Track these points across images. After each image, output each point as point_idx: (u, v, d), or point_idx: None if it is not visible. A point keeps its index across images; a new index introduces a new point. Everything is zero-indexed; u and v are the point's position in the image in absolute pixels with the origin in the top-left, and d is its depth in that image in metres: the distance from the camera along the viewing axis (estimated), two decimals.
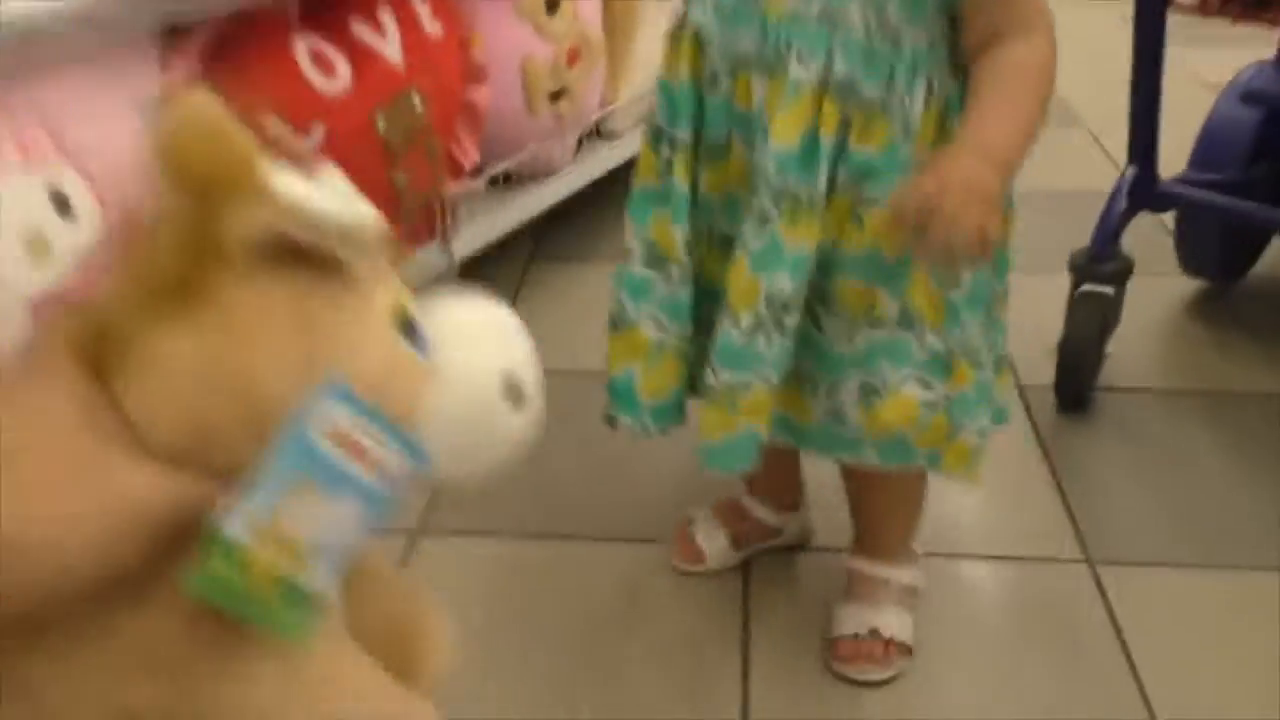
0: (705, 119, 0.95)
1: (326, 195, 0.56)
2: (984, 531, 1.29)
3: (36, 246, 0.92)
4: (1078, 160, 2.24)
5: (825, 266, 0.93)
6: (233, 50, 1.18)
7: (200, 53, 1.16)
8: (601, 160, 1.83)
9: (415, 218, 1.42)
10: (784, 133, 0.89)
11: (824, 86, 0.88)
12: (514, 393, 0.59)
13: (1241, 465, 1.40)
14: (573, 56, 1.65)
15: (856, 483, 1.09)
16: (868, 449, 0.98)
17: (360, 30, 1.31)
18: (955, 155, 0.86)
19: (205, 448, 0.51)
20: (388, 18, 1.33)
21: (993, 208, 0.84)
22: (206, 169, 0.52)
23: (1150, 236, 1.78)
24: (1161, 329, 1.71)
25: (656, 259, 0.98)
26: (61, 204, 0.95)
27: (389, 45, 1.33)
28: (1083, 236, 1.50)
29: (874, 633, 1.06)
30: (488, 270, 1.82)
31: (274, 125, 0.60)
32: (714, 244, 0.99)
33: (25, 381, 0.49)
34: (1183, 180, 1.54)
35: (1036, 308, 1.42)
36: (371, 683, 0.62)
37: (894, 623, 1.07)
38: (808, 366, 0.98)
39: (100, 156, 0.98)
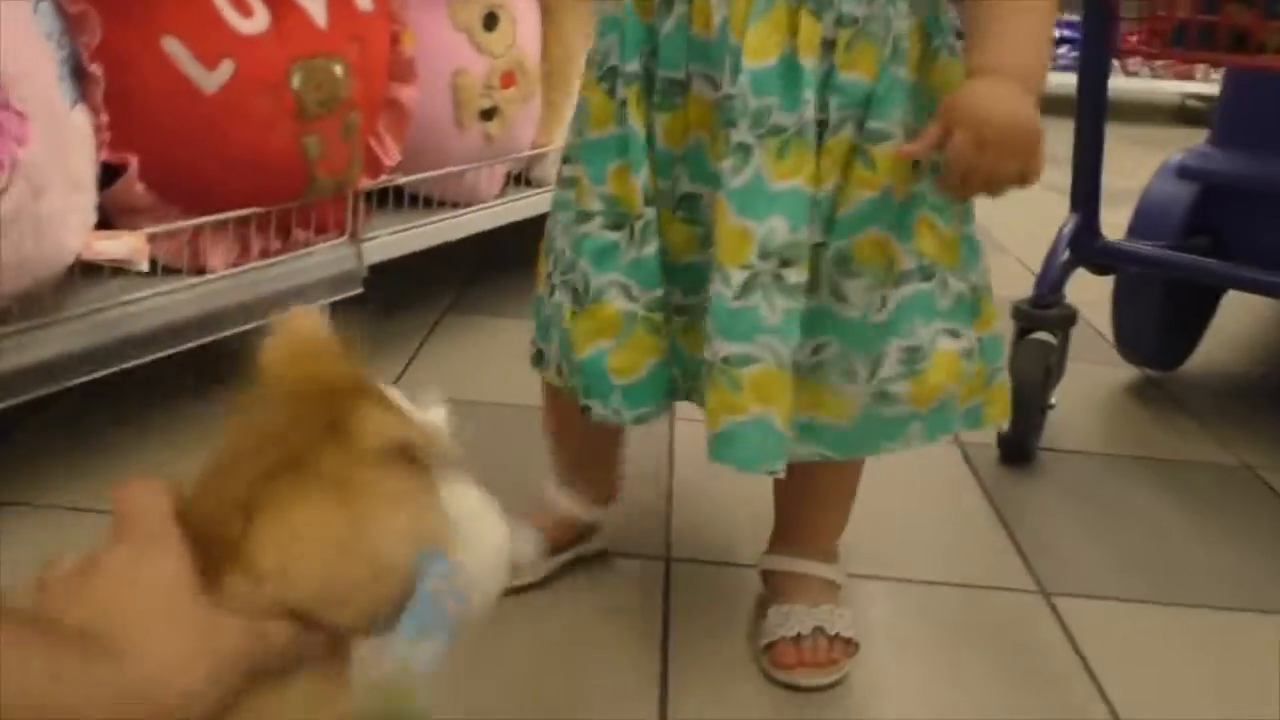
0: (658, 54, 0.87)
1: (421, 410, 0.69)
2: (933, 560, 1.17)
3: None
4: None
5: (834, 222, 0.83)
6: None
7: None
8: (529, 205, 1.74)
9: (325, 199, 1.30)
10: (759, 50, 0.80)
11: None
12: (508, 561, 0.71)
13: (1184, 517, 1.32)
14: (507, 79, 1.58)
15: (796, 480, 0.96)
16: (914, 427, 0.88)
17: None
18: (989, 88, 0.76)
19: (327, 604, 0.60)
20: None
21: (1038, 146, 0.76)
22: (332, 379, 0.63)
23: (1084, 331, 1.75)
24: (1102, 406, 1.67)
25: (619, 216, 0.87)
26: None
27: (313, 2, 1.25)
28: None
29: (818, 631, 0.92)
30: (404, 314, 1.71)
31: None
32: (677, 206, 0.88)
33: (139, 546, 0.58)
34: (1126, 244, 1.51)
35: None
36: None
37: (838, 619, 0.93)
38: (837, 352, 0.86)
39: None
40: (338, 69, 1.26)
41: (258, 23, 1.18)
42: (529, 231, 1.63)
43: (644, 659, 0.95)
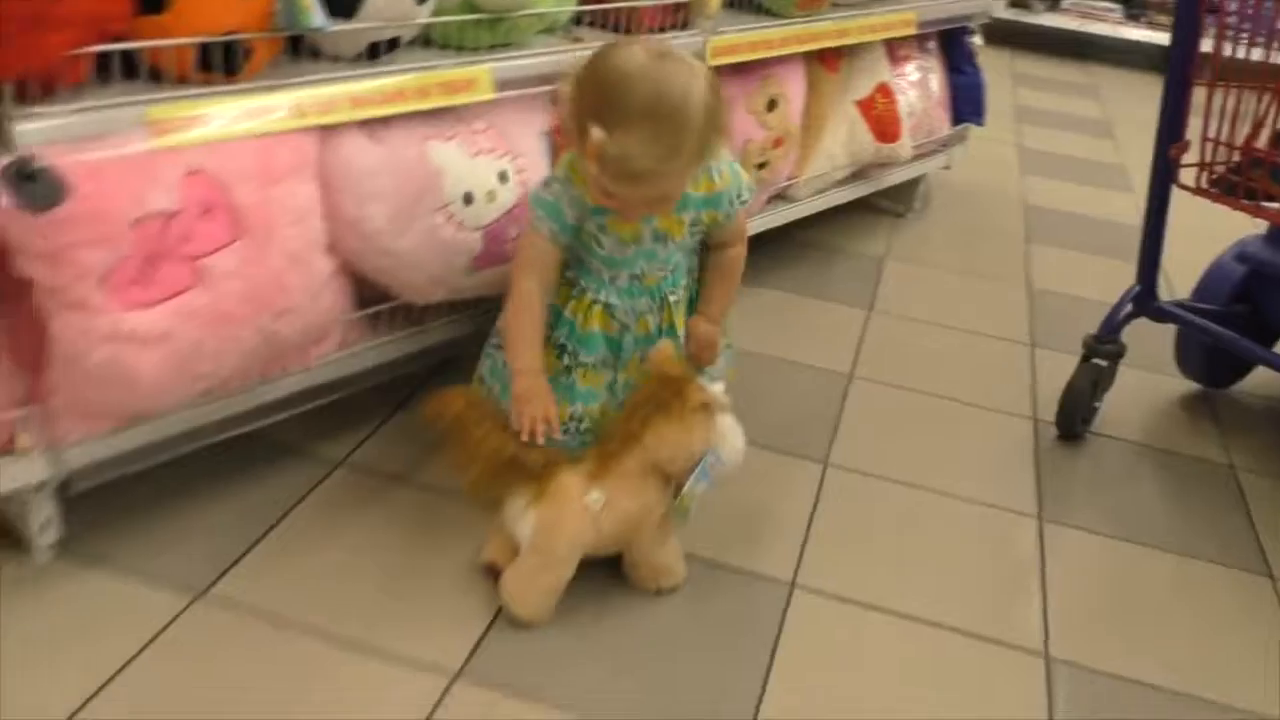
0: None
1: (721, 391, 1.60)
2: (964, 478, 2.02)
3: (490, 195, 1.73)
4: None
5: None
6: None
7: None
8: (781, 215, 2.62)
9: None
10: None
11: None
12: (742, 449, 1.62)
13: (1161, 490, 2.10)
14: (778, 142, 2.44)
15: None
16: None
17: None
18: (711, 327, 1.71)
19: (673, 462, 1.55)
20: None
21: (717, 348, 1.71)
22: (683, 376, 1.55)
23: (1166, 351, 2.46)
24: (1153, 408, 2.40)
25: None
26: (502, 177, 1.77)
27: None
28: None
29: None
30: None
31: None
32: None
33: None
34: (1177, 303, 2.22)
35: (1063, 377, 2.18)
36: None
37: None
38: None
39: (525, 155, 1.80)
40: None
41: None
42: (785, 229, 2.54)
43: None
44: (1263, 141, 1.94)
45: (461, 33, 1.71)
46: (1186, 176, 2.06)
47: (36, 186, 1.23)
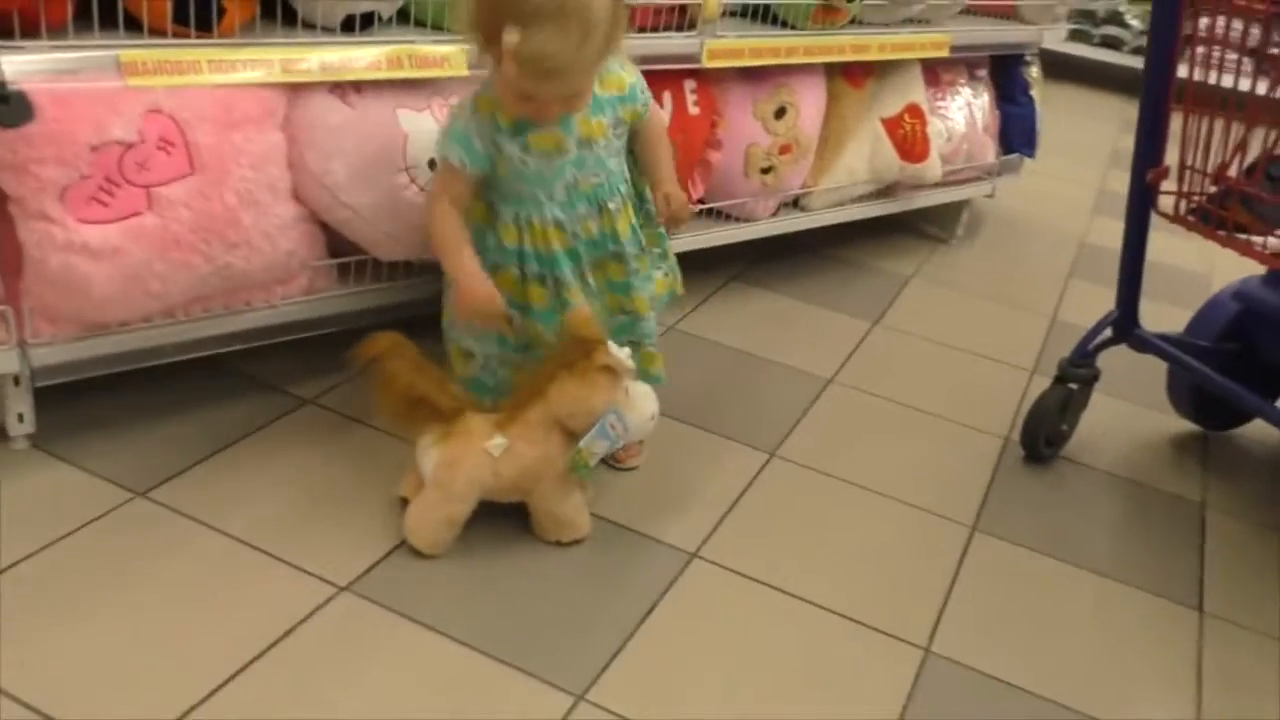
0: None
1: (628, 357, 1.67)
2: (909, 484, 2.04)
3: None
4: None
5: None
6: None
7: None
8: (792, 223, 2.68)
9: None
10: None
11: None
12: (653, 416, 1.73)
13: (1120, 516, 2.06)
14: (785, 149, 2.51)
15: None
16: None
17: None
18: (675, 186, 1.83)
19: (574, 418, 1.65)
20: (666, 97, 2.25)
21: (686, 204, 1.84)
22: (594, 339, 1.63)
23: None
24: (1139, 440, 2.36)
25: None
26: None
27: (664, 114, 2.24)
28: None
29: None
30: (703, 277, 2.70)
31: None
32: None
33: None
34: (1160, 335, 2.17)
35: None
36: None
37: None
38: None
39: None
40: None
41: None
42: (794, 235, 2.61)
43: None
44: (1235, 171, 1.91)
45: (441, 14, 1.86)
46: (1166, 204, 2.04)
47: (7, 107, 1.42)
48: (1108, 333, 2.17)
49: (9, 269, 1.58)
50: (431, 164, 1.82)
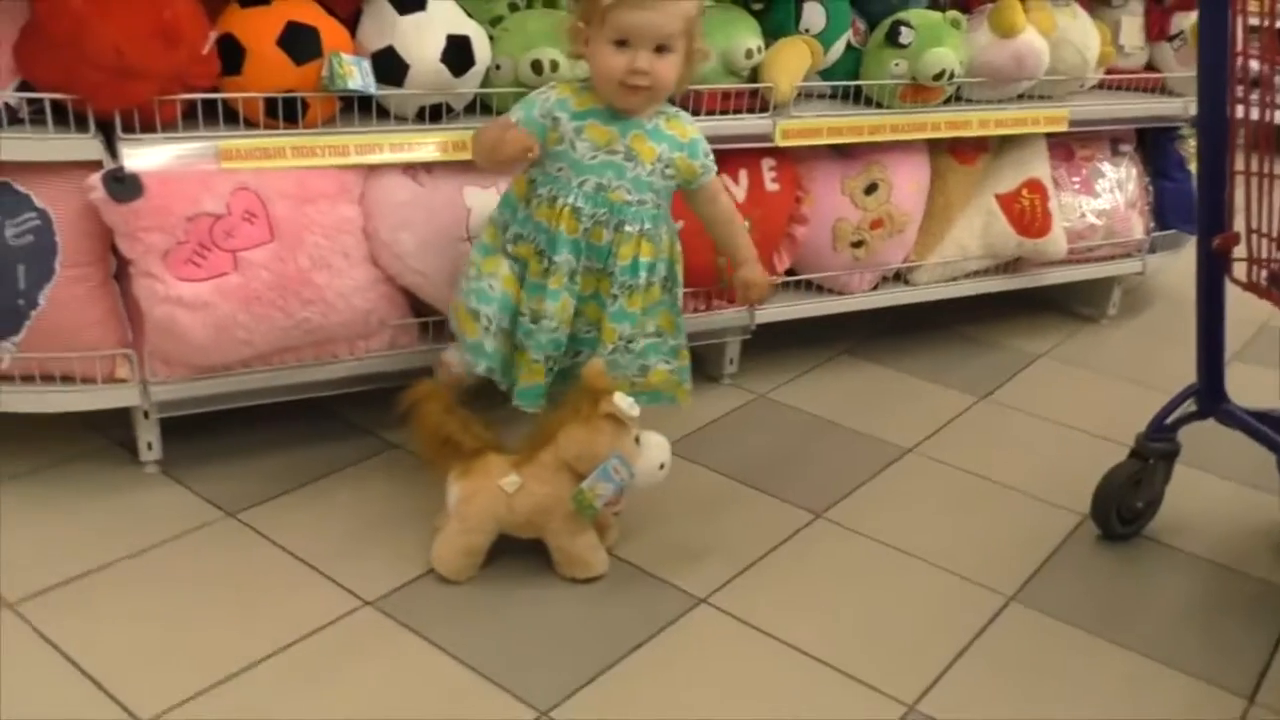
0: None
1: (632, 405, 1.81)
2: (959, 553, 2.01)
3: None
4: None
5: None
6: None
7: None
8: (893, 297, 2.70)
9: (729, 289, 2.44)
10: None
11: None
12: (662, 466, 1.86)
13: (1199, 601, 1.94)
14: (876, 224, 2.56)
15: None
16: (642, 397, 1.90)
17: (725, 179, 2.36)
18: (755, 267, 1.99)
19: (579, 460, 1.80)
20: (743, 174, 2.38)
21: (763, 283, 2.01)
22: (602, 388, 1.79)
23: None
24: (1241, 523, 2.19)
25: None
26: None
27: (738, 189, 2.38)
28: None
29: None
30: (804, 352, 2.76)
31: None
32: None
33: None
34: (1253, 410, 2.02)
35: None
36: None
37: None
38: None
39: None
40: (745, 224, 2.38)
41: None
42: (921, 310, 2.64)
43: None
44: None
45: (512, 103, 2.10)
46: (1239, 271, 1.93)
47: (122, 186, 1.78)
48: (1191, 406, 2.06)
49: (133, 320, 1.93)
50: None
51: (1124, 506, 2.07)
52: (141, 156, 1.81)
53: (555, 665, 1.68)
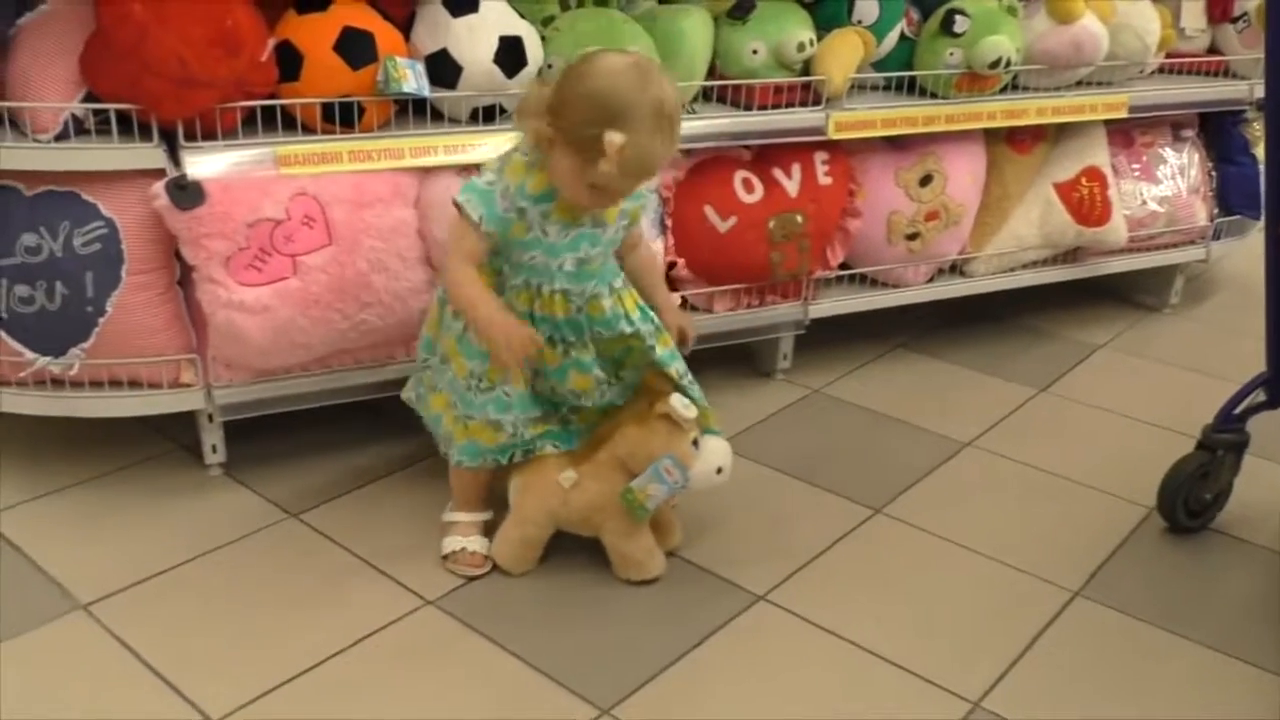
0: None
1: (688, 406, 1.79)
2: (1023, 549, 1.98)
3: None
4: None
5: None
6: (700, 171, 2.30)
7: (685, 171, 2.30)
8: (952, 288, 2.67)
9: (783, 283, 2.42)
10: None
11: None
12: (720, 471, 1.84)
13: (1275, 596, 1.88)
14: (931, 215, 2.53)
15: None
16: None
17: (777, 173, 2.36)
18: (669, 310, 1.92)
19: (634, 460, 1.80)
20: (795, 169, 2.36)
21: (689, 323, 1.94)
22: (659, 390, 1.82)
23: None
24: None
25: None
26: None
27: (791, 184, 2.36)
28: None
29: None
30: (856, 343, 2.74)
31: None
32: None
33: None
34: None
35: None
36: None
37: None
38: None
39: None
40: (798, 218, 2.36)
41: (755, 196, 2.33)
42: (977, 302, 2.60)
43: None
44: None
45: None
46: None
47: (185, 193, 1.81)
48: (1260, 396, 2.01)
49: (196, 326, 1.97)
50: None
51: (1191, 499, 2.03)
52: (203, 164, 1.84)
53: (616, 663, 1.68)
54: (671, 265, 2.34)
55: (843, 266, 2.56)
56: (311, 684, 1.62)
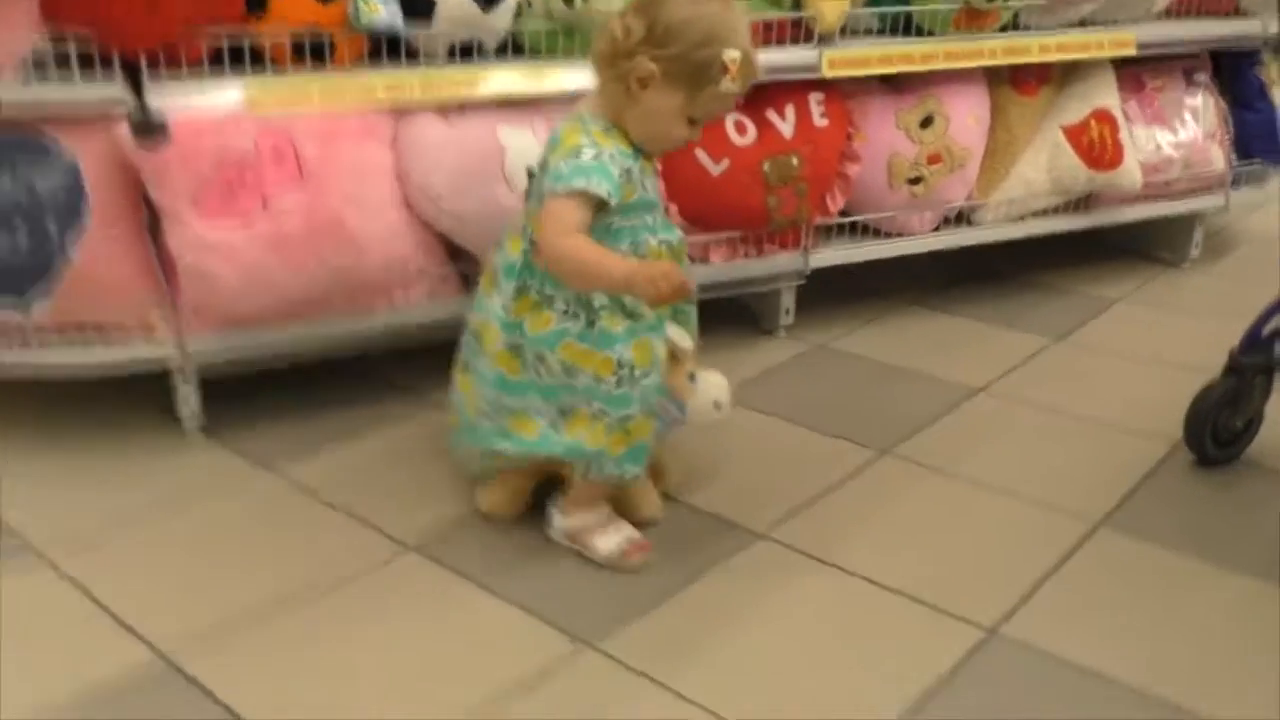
0: None
1: (684, 337, 1.67)
2: (1042, 483, 1.88)
3: None
4: None
5: None
6: None
7: None
8: (960, 237, 2.57)
9: (782, 230, 2.33)
10: None
11: None
12: (718, 405, 1.69)
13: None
14: (934, 159, 2.43)
15: None
16: None
17: (771, 114, 2.27)
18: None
19: None
20: (789, 110, 2.28)
21: None
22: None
23: None
24: None
25: None
26: None
27: (786, 125, 2.27)
28: None
29: None
30: (863, 299, 2.64)
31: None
32: None
33: None
34: None
35: None
36: None
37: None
38: None
39: None
40: (794, 160, 2.28)
41: (748, 138, 2.25)
42: (989, 258, 2.51)
43: None
44: None
45: (545, 40, 2.04)
46: None
47: (149, 129, 1.74)
48: None
49: (167, 275, 1.89)
50: (530, 173, 1.97)
51: (1221, 428, 1.91)
52: (168, 98, 1.78)
53: (604, 602, 1.58)
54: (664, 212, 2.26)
55: (845, 215, 2.47)
56: (278, 624, 1.53)
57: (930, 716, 1.37)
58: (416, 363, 2.18)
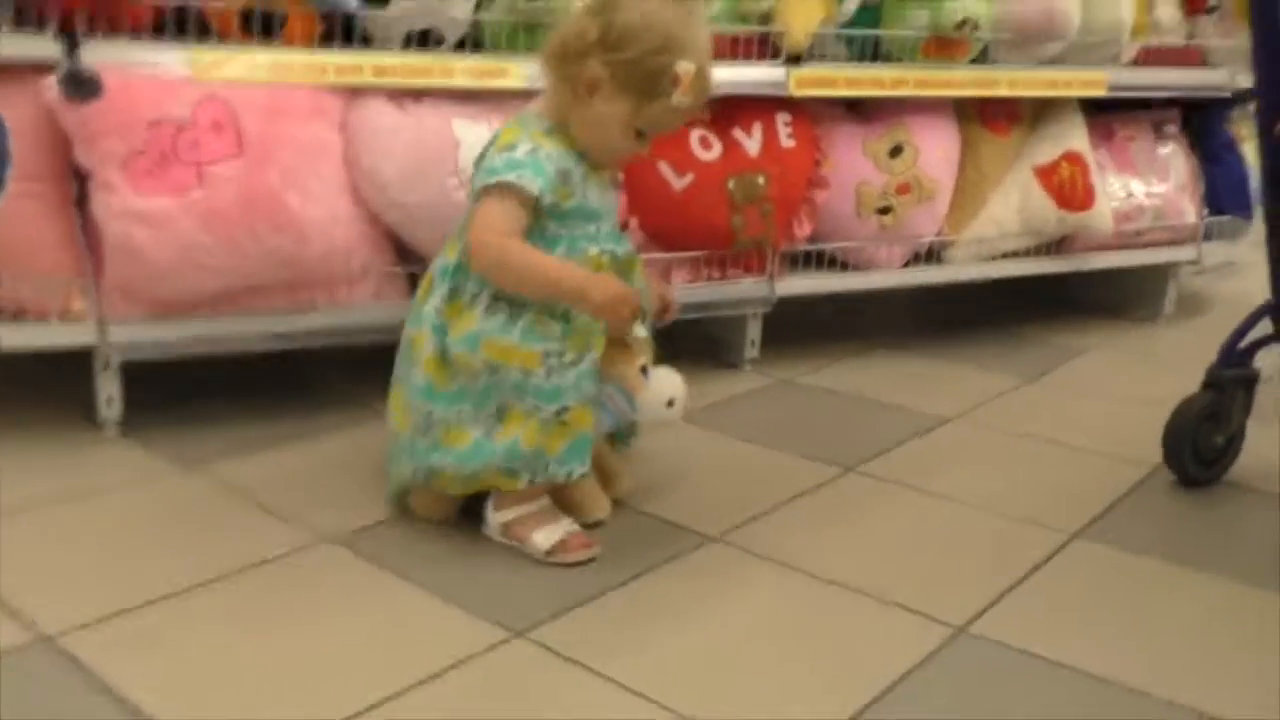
0: None
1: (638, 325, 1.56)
2: (1014, 501, 1.76)
3: None
4: None
5: None
6: None
7: None
8: (924, 275, 2.51)
9: (747, 252, 2.25)
10: None
11: None
12: (671, 403, 1.57)
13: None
14: (903, 189, 2.38)
15: None
16: None
17: (737, 132, 2.22)
18: None
19: None
20: (756, 128, 2.23)
21: None
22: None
23: None
24: None
25: None
26: None
27: (752, 142, 2.22)
28: None
29: None
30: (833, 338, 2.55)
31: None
32: None
33: None
34: None
35: None
36: None
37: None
38: None
39: None
40: (760, 179, 2.22)
41: (713, 154, 2.19)
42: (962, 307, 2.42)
43: None
44: None
45: (506, 36, 1.99)
46: None
47: (80, 84, 1.66)
48: (1267, 327, 1.82)
49: (93, 253, 1.78)
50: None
51: (1201, 445, 1.81)
52: (102, 55, 1.70)
53: (541, 593, 1.44)
54: (623, 226, 2.18)
55: (811, 242, 2.40)
56: (180, 610, 1.37)
57: (900, 706, 1.24)
58: (359, 369, 2.07)
